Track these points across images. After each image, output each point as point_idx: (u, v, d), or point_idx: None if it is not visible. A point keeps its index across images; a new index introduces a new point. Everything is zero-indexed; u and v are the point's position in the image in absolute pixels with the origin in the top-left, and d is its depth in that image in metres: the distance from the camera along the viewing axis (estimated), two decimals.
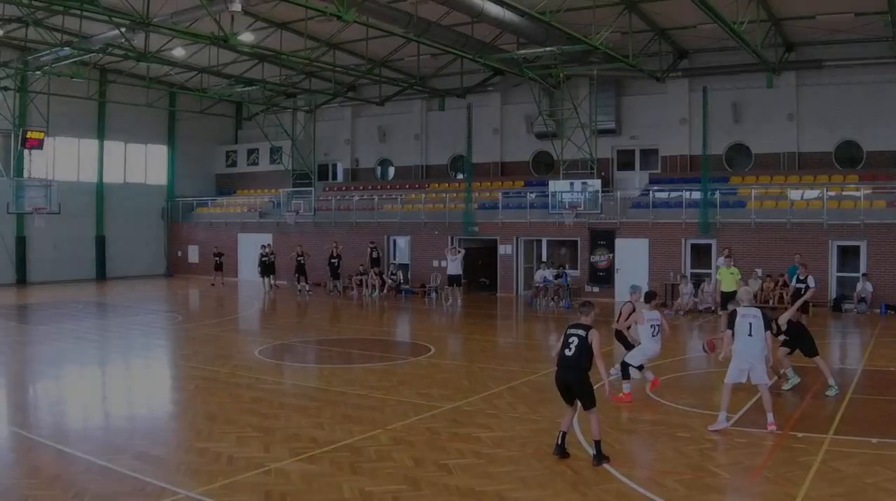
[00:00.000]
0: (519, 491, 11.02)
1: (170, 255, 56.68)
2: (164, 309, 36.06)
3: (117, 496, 10.88)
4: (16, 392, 18.65)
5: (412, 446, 13.27)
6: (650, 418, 15.23)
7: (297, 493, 10.99)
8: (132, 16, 29.43)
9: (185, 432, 14.70)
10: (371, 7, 29.57)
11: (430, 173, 51.41)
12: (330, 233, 46.50)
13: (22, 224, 47.78)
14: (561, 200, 38.83)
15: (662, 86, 41.13)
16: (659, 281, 35.64)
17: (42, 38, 37.65)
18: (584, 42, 32.01)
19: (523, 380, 18.80)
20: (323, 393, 17.50)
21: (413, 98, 50.33)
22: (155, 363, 23.20)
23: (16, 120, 44.94)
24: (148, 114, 51.67)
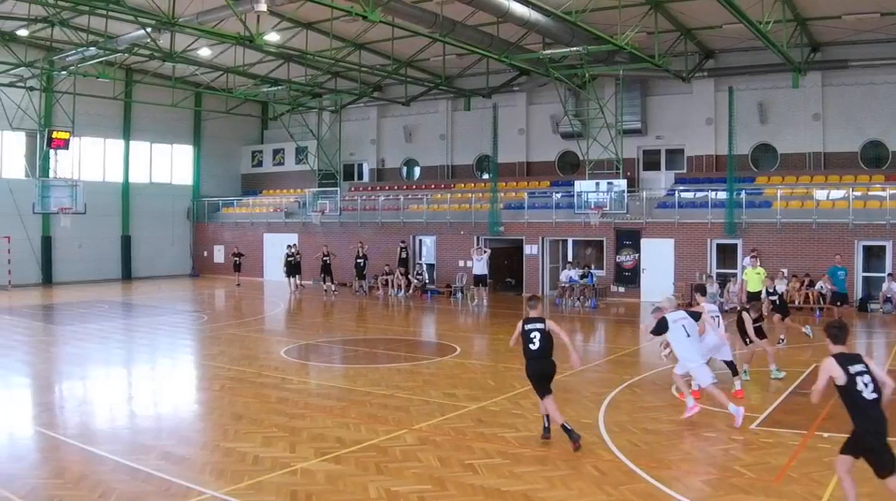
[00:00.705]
0: (545, 491, 11.03)
1: (195, 255, 56.85)
2: (189, 309, 36.10)
3: (143, 495, 10.94)
4: (42, 392, 18.72)
5: (438, 446, 13.30)
6: (676, 418, 15.18)
7: (322, 493, 11.02)
8: (158, 16, 29.55)
9: (211, 432, 14.74)
10: (397, 7, 29.58)
11: (455, 173, 51.41)
12: (355, 233, 46.59)
13: (48, 224, 47.94)
14: (587, 200, 38.75)
15: (688, 86, 41.11)
16: (684, 282, 35.66)
17: (68, 38, 37.79)
18: (609, 42, 32.01)
19: None
20: (349, 393, 17.53)
21: (439, 98, 50.38)
22: (181, 363, 23.28)
23: (41, 120, 45.11)
24: (174, 115, 52.03)
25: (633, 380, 18.93)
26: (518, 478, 11.58)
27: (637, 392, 17.75)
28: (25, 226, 45.88)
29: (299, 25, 38.21)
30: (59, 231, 46.24)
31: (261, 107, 59.58)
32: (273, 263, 49.62)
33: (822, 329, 9.84)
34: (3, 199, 45.07)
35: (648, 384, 18.64)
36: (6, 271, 43.82)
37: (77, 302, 37.24)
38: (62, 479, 11.62)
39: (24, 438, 14.40)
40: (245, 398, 17.15)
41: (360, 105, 53.25)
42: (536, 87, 46.56)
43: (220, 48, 40.94)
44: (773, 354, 19.71)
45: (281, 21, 37.51)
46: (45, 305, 36.80)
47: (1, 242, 44.20)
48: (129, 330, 29.08)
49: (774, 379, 19.00)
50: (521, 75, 45.84)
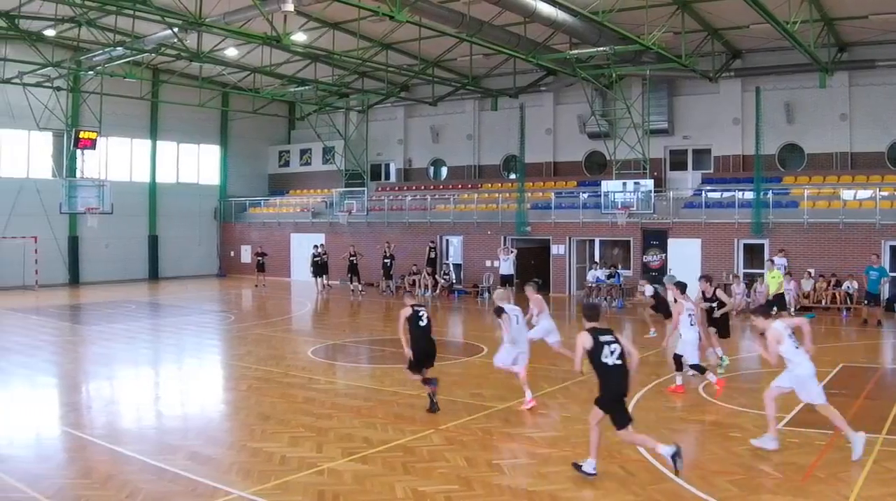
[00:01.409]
0: (571, 491, 11.05)
1: (222, 255, 57.11)
2: (216, 309, 36.18)
3: (170, 495, 10.98)
4: (69, 392, 18.80)
5: (465, 446, 13.32)
6: (702, 418, 15.25)
7: (349, 493, 11.04)
8: (185, 16, 29.59)
9: (238, 432, 14.79)
10: (424, 7, 29.55)
11: (482, 173, 51.48)
12: (382, 233, 46.71)
13: (75, 224, 48.18)
14: (613, 200, 38.80)
15: (715, 86, 41.03)
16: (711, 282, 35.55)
17: (95, 38, 37.95)
18: (636, 42, 32.03)
19: (575, 380, 18.67)
20: (376, 393, 17.57)
21: (466, 98, 50.45)
22: (208, 363, 23.35)
23: (68, 120, 45.37)
24: (201, 115, 52.24)
25: (659, 380, 18.87)
26: (545, 478, 11.60)
27: (664, 392, 17.71)
28: (52, 226, 46.16)
29: (326, 25, 38.22)
30: (86, 231, 46.52)
31: (288, 107, 59.68)
32: (300, 263, 49.87)
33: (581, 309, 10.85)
34: (31, 199, 45.36)
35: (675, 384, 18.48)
36: (33, 271, 44.20)
37: (104, 302, 37.35)
38: (89, 479, 11.65)
39: (50, 438, 14.46)
40: (272, 398, 17.19)
41: (387, 105, 53.33)
42: (563, 87, 46.58)
43: (247, 48, 40.95)
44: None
45: (308, 21, 37.57)
46: (71, 305, 36.92)
47: (28, 242, 44.56)
48: (155, 330, 29.16)
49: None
50: (548, 75, 45.85)
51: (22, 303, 36.96)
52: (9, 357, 22.96)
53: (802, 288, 33.36)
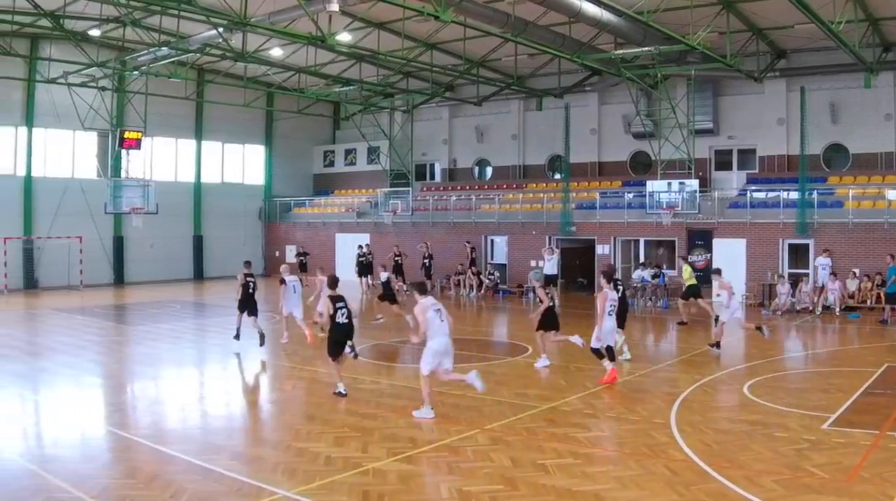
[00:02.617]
0: (616, 491, 11.01)
1: (267, 255, 57.23)
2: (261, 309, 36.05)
3: (215, 495, 11.01)
4: (114, 392, 18.86)
5: (509, 446, 13.28)
6: (747, 418, 15.10)
7: (394, 493, 11.03)
8: (230, 16, 29.71)
9: (283, 432, 14.82)
10: (469, 7, 29.54)
11: (527, 173, 51.41)
12: (427, 233, 46.76)
13: (119, 224, 48.47)
14: (658, 200, 38.77)
15: (760, 86, 40.86)
16: (756, 281, 35.89)
17: (140, 39, 38.12)
18: (681, 42, 31.97)
19: (620, 380, 18.75)
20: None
21: (511, 98, 50.36)
22: (252, 363, 23.32)
23: (113, 120, 45.53)
24: (245, 114, 52.44)
25: (704, 380, 18.83)
26: (589, 478, 11.56)
27: (709, 391, 17.69)
28: (97, 226, 46.44)
29: (371, 25, 38.29)
30: (131, 231, 46.78)
31: (333, 107, 59.77)
32: (345, 263, 49.60)
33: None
34: (76, 199, 45.62)
35: (720, 384, 18.58)
36: (78, 271, 44.42)
37: (149, 302, 37.42)
38: (134, 479, 11.69)
39: (96, 438, 14.50)
40: (317, 398, 17.31)
41: (431, 105, 53.28)
42: (608, 87, 46.48)
43: (292, 48, 41.10)
44: None
45: (353, 21, 37.65)
46: (116, 305, 37.03)
47: (73, 242, 44.79)
48: (200, 330, 29.31)
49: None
50: (593, 75, 45.70)
51: (67, 303, 37.09)
52: (54, 357, 23.10)
53: (847, 288, 33.16)
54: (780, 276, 34.61)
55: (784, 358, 23.19)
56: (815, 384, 18.61)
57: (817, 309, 32.42)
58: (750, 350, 24.56)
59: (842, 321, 30.69)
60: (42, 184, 45.58)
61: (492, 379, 18.72)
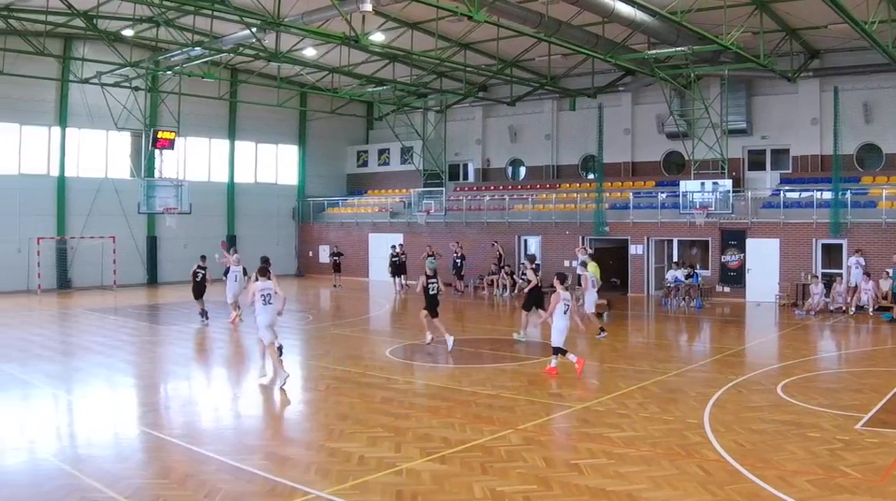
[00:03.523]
0: (649, 491, 11.01)
1: (300, 255, 57.34)
2: (294, 309, 36.07)
3: (248, 496, 11.05)
4: (147, 392, 18.92)
5: (543, 446, 13.32)
6: (781, 418, 15.07)
7: (428, 493, 11.05)
8: (263, 16, 29.82)
9: (316, 432, 14.84)
10: (502, 7, 29.45)
11: (560, 173, 51.35)
12: (461, 233, 46.81)
13: (153, 224, 48.56)
14: (692, 200, 38.52)
15: (793, 86, 40.71)
16: (790, 282, 35.75)
17: (173, 38, 38.20)
18: (715, 42, 31.80)
19: (654, 380, 18.79)
20: (453, 393, 17.58)
21: (544, 98, 50.27)
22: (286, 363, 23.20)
23: (147, 120, 45.67)
24: (279, 114, 52.60)
25: (738, 380, 18.81)
26: (623, 478, 11.56)
27: (742, 392, 17.61)
28: (130, 226, 46.62)
29: (404, 25, 38.26)
30: (165, 231, 46.78)
31: (366, 107, 59.80)
32: (378, 263, 49.96)
33: None
34: (109, 199, 45.84)
35: (754, 384, 18.50)
36: (111, 271, 44.57)
37: (182, 302, 37.16)
38: (167, 479, 11.74)
39: (129, 438, 14.56)
40: (350, 398, 17.27)
41: (465, 105, 53.27)
42: (642, 87, 46.41)
43: (326, 48, 41.13)
44: None
45: (386, 21, 37.61)
46: (150, 305, 37.07)
47: (106, 242, 45.01)
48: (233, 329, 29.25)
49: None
50: (626, 75, 45.60)
51: (100, 303, 37.25)
52: (88, 357, 23.22)
53: (881, 288, 32.99)
54: (813, 276, 34.49)
55: (817, 358, 23.15)
56: (848, 384, 18.57)
57: (851, 309, 32.31)
58: (783, 350, 24.60)
59: (875, 321, 30.55)
60: (75, 185, 45.68)
61: (525, 379, 18.97)
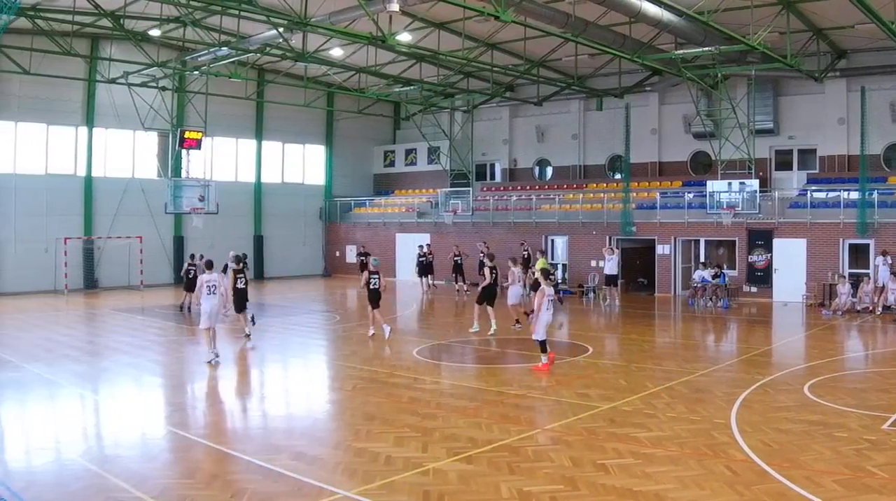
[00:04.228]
0: (677, 491, 11.01)
1: (327, 255, 57.44)
2: (321, 309, 36.27)
3: (275, 496, 11.04)
4: (174, 391, 19.05)
5: (570, 446, 13.30)
6: (808, 418, 15.05)
7: (455, 493, 11.05)
8: (290, 16, 29.84)
9: (344, 432, 14.86)
10: (529, 7, 29.38)
11: (587, 173, 51.43)
12: (487, 233, 46.82)
13: (180, 224, 48.80)
14: (719, 200, 38.48)
15: (820, 86, 40.65)
16: (817, 282, 35.73)
17: (200, 39, 38.26)
18: (742, 42, 31.71)
19: (681, 380, 18.78)
20: (481, 393, 17.58)
21: (571, 98, 50.32)
22: (313, 363, 23.55)
23: (174, 120, 45.76)
24: (306, 114, 52.74)
25: (765, 380, 18.77)
26: (650, 478, 11.56)
27: (769, 392, 17.58)
28: (157, 226, 46.87)
29: (431, 25, 38.23)
30: (192, 231, 46.85)
31: (393, 107, 59.91)
32: (405, 263, 50.11)
33: None
34: (136, 199, 46.10)
35: (781, 384, 18.47)
36: (138, 271, 44.80)
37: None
38: (193, 479, 11.76)
39: (156, 438, 14.59)
40: (377, 398, 17.27)
41: (492, 105, 53.29)
42: (669, 87, 46.41)
43: (352, 48, 41.07)
44: None
45: (413, 21, 37.63)
46: (176, 305, 36.98)
47: (133, 242, 45.23)
48: (261, 330, 29.10)
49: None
50: (653, 75, 45.64)
51: (128, 303, 37.41)
52: (115, 357, 23.29)
53: None
54: (840, 276, 34.38)
55: (844, 358, 23.12)
56: (875, 384, 18.59)
57: (878, 309, 32.21)
58: (810, 350, 24.61)
59: None
60: (102, 185, 45.88)
61: (552, 379, 18.97)
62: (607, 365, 21.44)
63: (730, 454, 12.65)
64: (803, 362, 22.10)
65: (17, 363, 21.70)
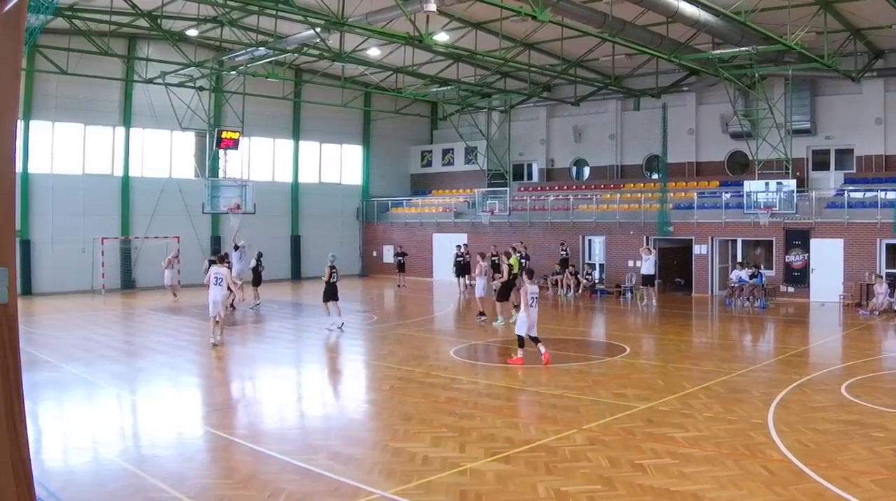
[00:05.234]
0: (714, 491, 10.99)
1: (364, 255, 57.51)
2: (358, 310, 36.16)
3: (312, 495, 11.06)
4: (211, 392, 19.16)
5: (607, 446, 13.30)
6: (845, 418, 15.03)
7: (492, 493, 11.05)
8: (327, 16, 29.99)
9: (381, 432, 14.91)
10: (566, 7, 29.43)
11: (624, 173, 51.35)
12: (524, 233, 46.75)
13: (217, 224, 48.96)
14: (756, 200, 38.47)
15: (857, 86, 40.43)
16: (854, 281, 35.55)
17: (237, 39, 38.48)
18: (779, 42, 31.66)
19: (718, 380, 18.74)
20: (518, 393, 17.69)
21: (608, 98, 50.20)
22: (350, 363, 23.57)
23: (211, 120, 46.00)
24: (343, 114, 52.81)
25: (802, 380, 18.76)
26: (687, 478, 11.56)
27: (806, 392, 17.56)
28: (195, 226, 46.88)
29: (468, 25, 38.28)
30: (229, 231, 46.26)
31: (430, 107, 59.97)
32: (442, 263, 50.04)
33: None
34: (173, 199, 46.18)
35: (818, 384, 18.45)
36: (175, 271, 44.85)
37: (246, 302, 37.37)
38: (231, 479, 11.83)
39: (193, 438, 14.64)
40: (414, 398, 17.31)
41: (529, 105, 53.20)
42: (706, 87, 46.26)
43: (390, 48, 41.13)
44: None
45: (450, 21, 37.67)
46: None
47: (170, 242, 45.15)
48: (298, 329, 29.40)
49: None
50: (690, 75, 45.49)
51: (164, 303, 37.49)
52: (152, 357, 23.41)
53: None
54: (877, 276, 34.25)
55: (882, 357, 23.05)
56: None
57: None
58: (847, 350, 24.57)
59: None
60: (139, 185, 46.08)
61: (589, 379, 19.01)
62: (645, 366, 21.43)
63: (767, 454, 12.63)
64: (840, 362, 22.06)
65: (56, 363, 21.78)
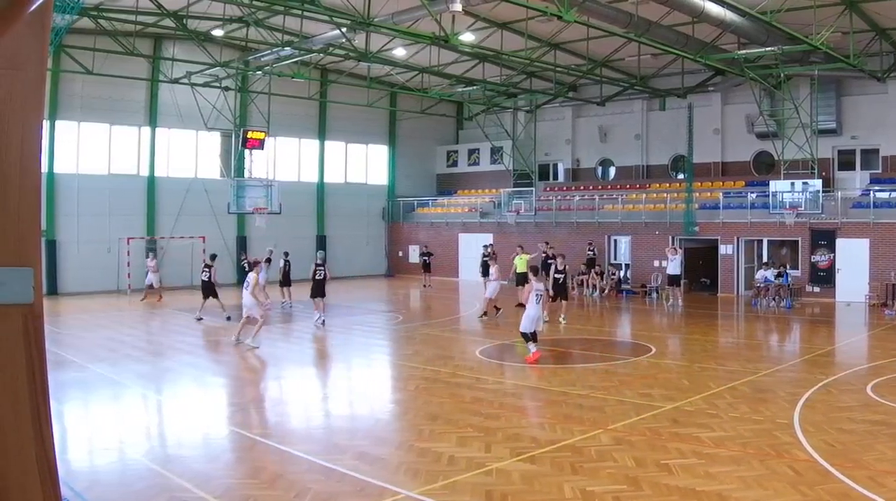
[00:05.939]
0: (740, 491, 10.97)
1: (390, 255, 57.56)
2: (384, 309, 36.46)
3: (338, 495, 11.08)
4: (236, 391, 19.20)
5: (633, 446, 13.30)
6: (871, 418, 15.01)
7: (517, 493, 11.04)
8: (353, 16, 30.13)
9: (406, 432, 14.92)
10: (592, 7, 29.46)
11: (650, 173, 51.38)
12: (550, 233, 46.73)
13: (243, 224, 49.03)
14: (782, 200, 38.40)
15: (883, 86, 40.39)
16: (879, 281, 35.44)
17: (263, 39, 38.62)
18: (805, 42, 31.69)
19: (744, 380, 18.71)
20: (543, 393, 17.68)
21: (633, 98, 50.25)
22: (376, 363, 23.63)
23: (236, 120, 46.19)
24: (369, 114, 52.89)
25: (828, 380, 18.72)
26: (713, 478, 11.55)
27: (832, 392, 17.53)
28: (220, 226, 46.97)
29: (494, 25, 38.36)
30: (254, 231, 46.89)
31: (456, 107, 60.16)
32: (468, 263, 50.00)
33: None
34: (199, 199, 46.30)
35: (843, 384, 18.42)
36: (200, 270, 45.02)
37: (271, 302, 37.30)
38: (257, 479, 11.82)
39: (219, 438, 14.70)
40: (440, 398, 17.32)
41: (554, 105, 53.32)
42: (731, 87, 46.20)
43: (415, 48, 41.34)
44: None
45: (476, 21, 37.72)
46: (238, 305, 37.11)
47: (196, 242, 45.42)
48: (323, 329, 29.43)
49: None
50: (716, 75, 45.43)
51: (190, 303, 37.14)
52: (178, 357, 23.55)
53: None
54: None
55: None
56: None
57: None
58: (873, 350, 24.54)
59: None
60: (165, 185, 46.20)
61: (615, 379, 19.01)
62: (670, 365, 21.44)
63: (793, 454, 12.63)
64: (866, 362, 22.05)
65: (81, 363, 21.84)
